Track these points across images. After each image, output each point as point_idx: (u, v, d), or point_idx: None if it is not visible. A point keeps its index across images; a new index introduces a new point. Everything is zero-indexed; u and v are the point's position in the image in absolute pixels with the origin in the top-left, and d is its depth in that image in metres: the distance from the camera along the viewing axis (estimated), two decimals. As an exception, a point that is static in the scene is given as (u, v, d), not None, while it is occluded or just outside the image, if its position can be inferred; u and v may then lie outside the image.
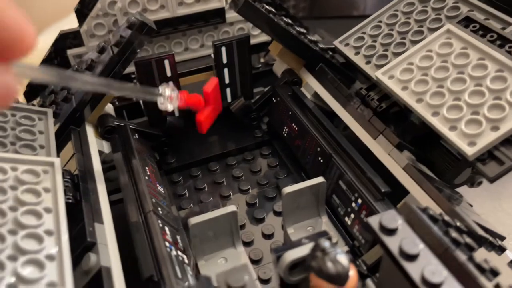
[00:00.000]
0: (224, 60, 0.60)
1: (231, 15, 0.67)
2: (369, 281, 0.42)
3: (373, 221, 0.36)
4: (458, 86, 0.46)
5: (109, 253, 0.40)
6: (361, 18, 1.17)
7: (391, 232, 0.35)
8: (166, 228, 0.45)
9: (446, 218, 0.39)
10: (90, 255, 0.39)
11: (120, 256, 0.40)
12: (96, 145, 0.52)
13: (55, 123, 0.51)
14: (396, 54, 0.54)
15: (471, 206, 0.51)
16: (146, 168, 0.51)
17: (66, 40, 0.62)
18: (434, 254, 0.33)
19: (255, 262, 0.49)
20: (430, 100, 0.47)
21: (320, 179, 0.48)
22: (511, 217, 0.67)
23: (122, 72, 0.51)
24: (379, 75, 0.52)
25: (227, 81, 0.62)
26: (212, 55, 0.60)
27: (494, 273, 0.34)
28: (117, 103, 0.65)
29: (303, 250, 0.35)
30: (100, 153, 0.53)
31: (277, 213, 0.54)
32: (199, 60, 0.65)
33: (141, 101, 0.64)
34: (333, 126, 0.53)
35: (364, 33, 0.60)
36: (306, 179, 0.57)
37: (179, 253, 0.44)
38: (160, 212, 0.46)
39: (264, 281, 0.47)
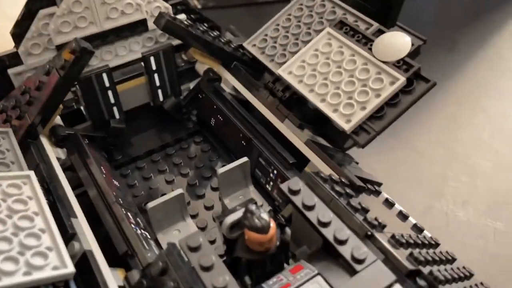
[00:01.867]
0: (154, 67, 0.70)
1: (152, 22, 0.77)
2: (287, 229, 0.57)
3: (284, 186, 0.51)
4: (337, 78, 0.62)
5: (87, 239, 0.51)
6: (265, 4, 1.30)
7: (296, 192, 0.50)
8: (129, 214, 0.57)
9: (334, 177, 0.55)
10: (73, 243, 0.50)
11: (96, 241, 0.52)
12: (53, 153, 0.61)
13: (14, 139, 0.59)
14: (292, 53, 0.69)
15: (357, 163, 0.68)
16: (102, 167, 0.62)
17: (5, 61, 0.68)
18: (325, 204, 0.49)
19: (201, 229, 0.62)
20: (318, 90, 0.62)
21: (244, 159, 0.62)
22: (388, 164, 0.87)
23: (68, 90, 0.60)
24: (280, 72, 0.66)
25: (158, 84, 0.73)
26: (142, 63, 0.71)
27: (365, 210, 0.51)
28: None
29: (237, 214, 0.49)
30: (58, 159, 0.62)
31: (214, 189, 0.68)
32: (132, 66, 0.74)
33: (82, 108, 0.73)
34: (250, 115, 0.67)
35: (266, 35, 0.73)
36: (234, 159, 0.71)
37: (142, 231, 0.56)
38: (121, 202, 0.58)
39: (211, 242, 0.61)
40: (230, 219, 0.49)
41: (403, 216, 0.60)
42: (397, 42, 0.60)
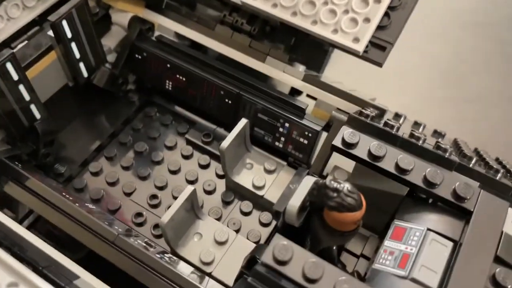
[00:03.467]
0: (69, 35, 0.50)
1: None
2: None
3: (337, 141, 0.41)
4: (321, -9, 0.50)
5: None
6: None
7: (354, 145, 0.41)
8: (140, 242, 0.42)
9: (369, 110, 0.46)
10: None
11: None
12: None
13: None
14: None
15: (341, 82, 0.60)
16: (65, 194, 0.44)
17: None
18: (394, 147, 0.41)
19: (217, 219, 0.50)
20: (304, 11, 0.50)
21: (244, 121, 0.49)
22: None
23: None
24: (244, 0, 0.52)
25: (78, 56, 0.52)
26: (51, 33, 0.49)
27: (425, 135, 0.44)
28: None
29: (299, 195, 0.39)
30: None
31: (203, 166, 0.55)
32: (32, 41, 0.52)
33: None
34: (226, 65, 0.53)
35: (198, -45, 0.56)
36: (213, 123, 0.57)
37: (166, 255, 0.42)
38: (120, 230, 0.42)
39: (237, 231, 0.49)
40: (295, 203, 0.38)
41: (418, 125, 0.55)
42: None
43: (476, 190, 0.38)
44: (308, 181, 0.39)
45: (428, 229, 0.37)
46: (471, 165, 0.41)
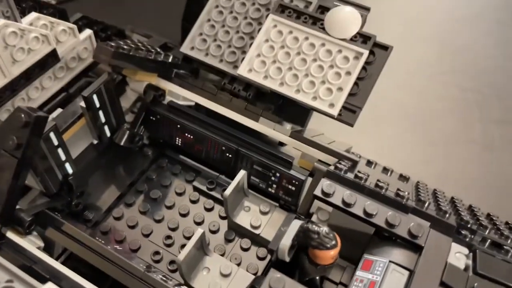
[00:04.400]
0: (97, 105, 0.61)
1: (61, 50, 0.65)
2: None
3: (317, 192, 0.51)
4: (302, 66, 0.62)
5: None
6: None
7: (331, 194, 0.51)
8: (160, 276, 0.51)
9: (343, 163, 0.57)
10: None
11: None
12: (31, 246, 0.51)
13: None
14: (240, 49, 0.66)
15: (323, 133, 0.71)
16: (98, 238, 0.53)
17: None
18: (362, 195, 0.51)
19: (222, 255, 0.60)
20: (289, 82, 0.62)
21: (242, 173, 0.59)
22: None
23: (29, 169, 0.49)
24: (240, 72, 0.63)
25: (103, 120, 0.63)
26: (82, 104, 0.60)
27: (387, 184, 0.55)
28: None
29: (288, 236, 0.49)
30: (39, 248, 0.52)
31: (208, 209, 0.65)
32: (68, 111, 0.63)
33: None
34: (227, 126, 0.64)
35: (201, 34, 0.68)
36: (216, 172, 0.68)
37: (182, 287, 0.52)
38: (144, 267, 0.52)
39: (238, 264, 0.59)
40: (286, 243, 0.48)
41: (386, 170, 0.66)
42: (347, 17, 0.62)
43: (427, 229, 0.48)
44: (295, 225, 0.50)
45: (390, 261, 0.47)
46: (424, 209, 0.52)
